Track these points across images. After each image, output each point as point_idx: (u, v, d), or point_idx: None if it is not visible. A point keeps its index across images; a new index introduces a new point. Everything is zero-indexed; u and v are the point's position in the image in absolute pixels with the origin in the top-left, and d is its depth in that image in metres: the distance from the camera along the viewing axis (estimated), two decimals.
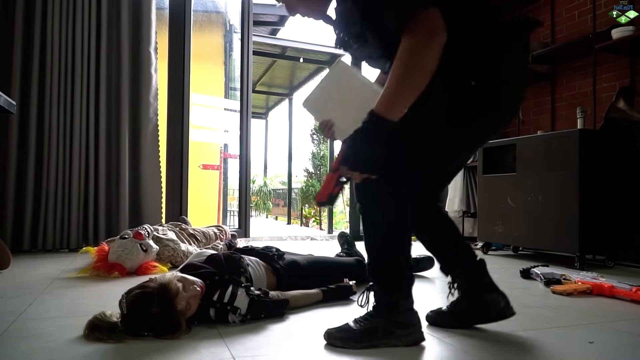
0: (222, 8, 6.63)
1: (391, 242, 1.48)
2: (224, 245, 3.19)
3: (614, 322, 1.78)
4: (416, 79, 1.26)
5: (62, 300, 2.03)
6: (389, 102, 1.28)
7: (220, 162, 6.31)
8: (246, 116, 4.73)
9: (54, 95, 3.67)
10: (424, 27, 1.24)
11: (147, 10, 3.99)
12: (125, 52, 3.90)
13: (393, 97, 1.27)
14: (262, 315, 1.71)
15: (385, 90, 1.28)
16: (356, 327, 1.48)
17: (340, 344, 1.45)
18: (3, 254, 2.70)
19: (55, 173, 3.66)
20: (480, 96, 1.39)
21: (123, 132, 3.88)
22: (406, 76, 1.26)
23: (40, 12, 3.64)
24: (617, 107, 3.42)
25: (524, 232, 3.47)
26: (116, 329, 1.49)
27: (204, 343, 1.46)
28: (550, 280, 2.49)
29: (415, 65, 1.25)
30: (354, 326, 1.48)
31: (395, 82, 1.26)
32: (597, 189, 3.15)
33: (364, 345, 1.44)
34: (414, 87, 1.27)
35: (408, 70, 1.25)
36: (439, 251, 1.76)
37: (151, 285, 1.52)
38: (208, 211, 6.22)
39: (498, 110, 1.47)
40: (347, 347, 1.44)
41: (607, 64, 3.81)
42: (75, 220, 3.70)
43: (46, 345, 1.41)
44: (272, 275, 2.07)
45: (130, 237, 2.69)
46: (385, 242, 1.48)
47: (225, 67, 6.61)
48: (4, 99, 2.53)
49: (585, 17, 4.03)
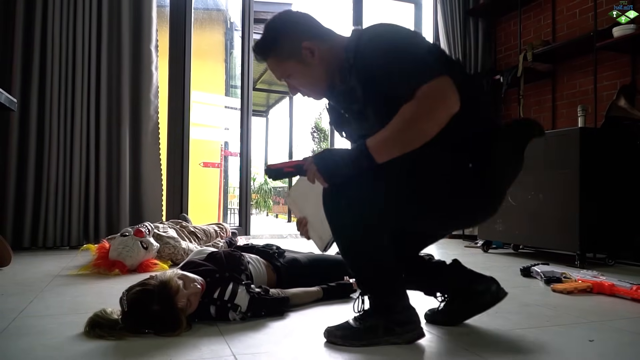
0: (222, 6, 6.63)
1: (367, 247, 1.45)
2: (225, 243, 3.19)
3: (614, 321, 1.78)
4: (413, 139, 1.30)
5: (63, 297, 2.03)
6: (381, 144, 1.31)
7: (220, 160, 6.32)
8: (247, 114, 4.73)
9: (55, 93, 3.67)
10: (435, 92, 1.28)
11: (147, 8, 3.99)
12: (126, 50, 3.90)
13: (386, 142, 1.31)
14: (262, 313, 1.72)
15: (384, 132, 1.31)
16: (356, 325, 1.47)
17: (341, 342, 1.45)
18: (4, 251, 2.71)
19: (55, 170, 3.66)
20: (473, 179, 1.41)
21: (124, 129, 3.88)
22: (406, 132, 1.29)
23: (40, 9, 3.64)
24: (618, 105, 3.41)
25: (525, 230, 3.46)
26: (117, 327, 1.49)
27: (204, 340, 1.46)
28: (551, 278, 2.49)
29: (416, 126, 1.29)
30: (354, 324, 1.48)
31: (394, 131, 1.30)
32: (598, 187, 3.14)
33: (364, 344, 1.44)
34: (408, 144, 1.30)
35: (410, 127, 1.29)
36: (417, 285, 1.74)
37: (152, 282, 1.52)
38: (208, 209, 6.24)
39: (482, 198, 1.48)
40: (348, 345, 1.43)
41: (608, 62, 3.81)
42: (75, 218, 3.71)
43: (47, 343, 1.42)
44: (272, 273, 2.07)
45: (131, 234, 2.69)
46: (362, 248, 1.46)
47: (225, 64, 6.61)
48: (5, 96, 2.53)
49: (587, 16, 4.02)
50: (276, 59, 1.53)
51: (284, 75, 1.55)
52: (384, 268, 1.47)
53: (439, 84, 1.28)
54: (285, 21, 1.54)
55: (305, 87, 1.56)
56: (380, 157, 1.31)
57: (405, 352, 1.39)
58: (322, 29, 1.54)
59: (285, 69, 1.53)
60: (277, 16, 1.56)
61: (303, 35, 1.50)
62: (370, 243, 1.44)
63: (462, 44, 5.00)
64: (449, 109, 1.27)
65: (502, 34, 5.08)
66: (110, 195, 3.86)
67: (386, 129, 1.31)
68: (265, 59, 1.55)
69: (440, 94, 1.28)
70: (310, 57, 1.49)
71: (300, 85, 1.56)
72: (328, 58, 1.50)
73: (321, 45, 1.50)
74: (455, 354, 1.39)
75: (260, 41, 1.54)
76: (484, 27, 5.12)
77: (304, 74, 1.52)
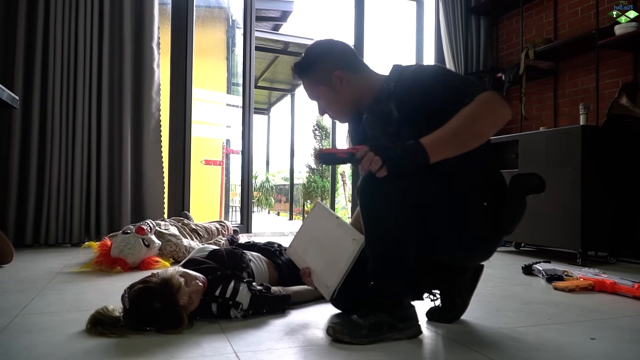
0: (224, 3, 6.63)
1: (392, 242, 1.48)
2: (226, 241, 3.20)
3: (616, 319, 1.78)
4: (469, 138, 1.39)
5: (65, 294, 2.04)
6: (437, 143, 1.36)
7: (222, 158, 6.33)
8: (248, 112, 4.73)
9: (57, 90, 3.67)
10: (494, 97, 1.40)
11: (149, 6, 3.98)
12: (128, 48, 3.89)
13: (442, 141, 1.37)
14: (263, 311, 1.72)
15: (440, 132, 1.37)
16: (361, 321, 1.47)
17: (348, 339, 1.44)
18: (6, 248, 2.71)
19: (57, 168, 3.67)
20: (484, 215, 1.51)
21: (125, 127, 3.88)
22: (463, 131, 1.37)
23: (42, 7, 3.64)
24: (620, 103, 3.41)
25: (526, 228, 3.46)
26: (118, 324, 1.49)
27: (206, 338, 1.46)
28: (552, 276, 2.49)
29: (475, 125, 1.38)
30: (359, 320, 1.48)
31: (452, 129, 1.37)
32: (600, 185, 3.14)
33: (370, 340, 1.44)
34: (463, 144, 1.38)
35: (468, 126, 1.37)
36: None
37: (153, 280, 1.53)
38: (210, 207, 6.24)
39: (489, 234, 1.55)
40: (356, 342, 1.43)
41: (610, 60, 3.80)
42: (77, 215, 3.71)
43: (48, 340, 1.42)
44: (274, 270, 2.07)
45: (133, 232, 2.70)
46: (386, 240, 1.48)
47: (227, 62, 6.61)
48: (7, 93, 2.53)
49: (588, 14, 4.01)
50: (309, 82, 1.69)
51: (314, 97, 1.70)
52: (406, 266, 1.49)
53: (496, 94, 1.41)
54: (324, 49, 1.69)
55: (332, 110, 1.70)
56: (434, 156, 1.35)
57: (408, 349, 1.40)
58: (356, 61, 1.67)
59: (316, 92, 1.68)
60: (319, 43, 1.72)
61: (336, 65, 1.63)
62: (399, 239, 1.48)
63: (464, 42, 4.99)
64: (506, 115, 1.40)
65: (504, 31, 5.07)
66: (112, 193, 3.86)
67: (442, 129, 1.37)
68: (301, 78, 1.71)
69: (499, 100, 1.40)
70: (339, 85, 1.63)
71: (328, 108, 1.70)
72: (357, 88, 1.64)
73: (352, 75, 1.63)
74: (456, 351, 1.40)
75: (299, 63, 1.70)
76: (486, 25, 5.11)
77: (332, 99, 1.66)
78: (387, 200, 1.45)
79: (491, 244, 1.61)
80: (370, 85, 1.64)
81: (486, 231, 1.53)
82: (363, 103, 1.66)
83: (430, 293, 1.74)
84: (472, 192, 1.50)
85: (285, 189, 16.13)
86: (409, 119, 1.51)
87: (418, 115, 1.49)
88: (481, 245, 1.59)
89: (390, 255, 1.49)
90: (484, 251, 1.62)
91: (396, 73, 1.62)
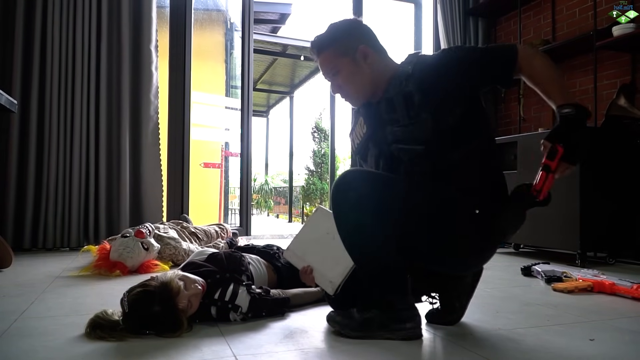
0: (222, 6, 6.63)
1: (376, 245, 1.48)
2: (225, 244, 3.20)
3: (615, 320, 1.79)
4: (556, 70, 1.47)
5: (64, 298, 2.03)
6: (566, 92, 1.43)
7: (221, 160, 6.32)
8: (247, 114, 4.73)
9: (55, 94, 3.67)
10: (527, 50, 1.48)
11: (147, 8, 3.98)
12: (126, 50, 3.90)
13: (563, 88, 1.44)
14: (263, 314, 1.72)
15: (555, 89, 1.43)
16: (356, 315, 1.52)
17: (338, 327, 1.52)
18: (5, 252, 2.71)
19: (55, 171, 3.66)
20: (474, 224, 1.47)
21: (124, 130, 3.88)
22: (553, 71, 1.45)
23: (40, 10, 3.64)
24: (618, 104, 3.41)
25: (525, 229, 3.41)
26: (118, 328, 1.49)
27: (205, 341, 1.46)
28: (551, 277, 2.49)
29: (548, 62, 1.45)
30: (354, 314, 1.53)
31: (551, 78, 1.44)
32: (598, 186, 3.15)
33: (359, 335, 1.48)
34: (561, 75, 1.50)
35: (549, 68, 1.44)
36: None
37: (153, 283, 1.52)
38: (209, 209, 6.23)
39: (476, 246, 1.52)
40: (344, 333, 1.50)
41: (608, 61, 3.81)
42: (75, 219, 3.71)
43: (48, 344, 1.42)
44: (273, 273, 2.07)
45: (132, 235, 2.70)
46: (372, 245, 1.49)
47: (226, 65, 6.61)
48: (5, 97, 2.53)
49: (586, 15, 4.02)
50: (331, 54, 1.62)
51: (334, 70, 1.63)
52: (390, 266, 1.49)
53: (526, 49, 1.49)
54: (350, 23, 1.68)
55: (348, 88, 1.64)
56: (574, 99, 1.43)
57: (406, 351, 1.40)
58: (379, 43, 1.66)
59: (337, 64, 1.62)
60: (344, 19, 1.69)
61: (362, 39, 1.62)
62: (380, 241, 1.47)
63: (462, 44, 5.00)
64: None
65: (502, 33, 5.08)
66: (111, 196, 3.86)
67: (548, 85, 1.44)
68: (320, 52, 1.64)
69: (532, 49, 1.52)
70: (362, 60, 1.60)
71: (345, 84, 1.64)
72: (377, 68, 1.61)
73: (375, 54, 1.62)
74: (456, 353, 1.40)
75: (321, 36, 1.65)
76: (484, 26, 5.12)
77: (352, 73, 1.61)
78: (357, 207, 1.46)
79: (481, 254, 1.57)
80: (389, 69, 1.61)
81: (475, 241, 1.50)
82: (380, 87, 1.61)
83: (429, 296, 1.74)
84: (463, 198, 1.47)
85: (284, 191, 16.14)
86: (432, 100, 1.48)
87: (440, 94, 1.47)
88: (469, 256, 1.55)
89: (371, 263, 1.51)
90: (474, 261, 1.59)
91: (414, 57, 1.59)
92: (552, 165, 1.37)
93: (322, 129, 14.72)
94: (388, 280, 1.49)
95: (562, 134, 1.38)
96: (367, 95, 1.64)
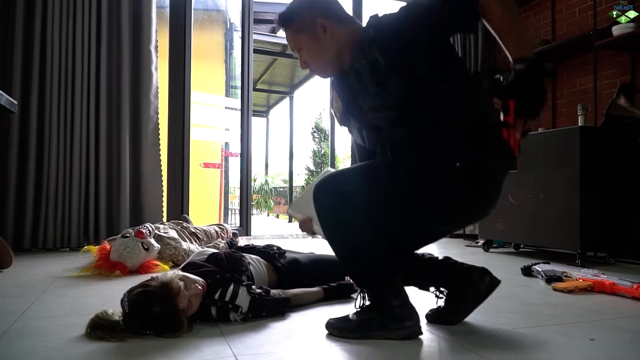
0: (222, 6, 6.63)
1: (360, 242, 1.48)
2: (225, 244, 3.19)
3: (615, 320, 1.79)
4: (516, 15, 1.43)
5: (64, 299, 2.03)
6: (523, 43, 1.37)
7: (221, 161, 6.32)
8: (247, 114, 4.73)
9: (55, 94, 3.67)
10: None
11: (147, 9, 3.99)
12: (126, 51, 3.90)
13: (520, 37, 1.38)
14: (263, 314, 1.72)
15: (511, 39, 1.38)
16: (353, 318, 1.53)
17: (336, 332, 1.52)
18: (5, 252, 2.71)
19: (55, 172, 3.67)
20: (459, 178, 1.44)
21: (124, 130, 3.88)
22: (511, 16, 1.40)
23: (40, 10, 3.64)
24: (618, 104, 3.41)
25: (525, 229, 3.47)
26: (118, 328, 1.49)
27: (205, 341, 1.46)
28: (552, 277, 2.49)
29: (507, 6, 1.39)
30: (351, 317, 1.54)
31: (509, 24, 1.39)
32: (598, 186, 3.14)
33: (357, 336, 1.48)
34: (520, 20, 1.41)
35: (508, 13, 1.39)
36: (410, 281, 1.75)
37: (153, 284, 1.52)
38: (209, 209, 6.24)
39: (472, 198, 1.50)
40: (342, 336, 1.50)
41: (608, 60, 3.81)
42: (75, 219, 3.71)
43: (48, 344, 1.42)
44: (273, 273, 2.07)
45: (132, 235, 2.69)
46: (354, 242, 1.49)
47: (225, 65, 6.61)
48: (6, 98, 2.53)
49: (586, 14, 4.03)
50: (292, 31, 1.64)
51: (296, 47, 1.66)
52: (378, 264, 1.49)
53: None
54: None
55: (313, 61, 1.65)
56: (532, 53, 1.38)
57: (406, 351, 1.40)
58: (341, 12, 1.64)
59: (298, 41, 1.64)
60: None
61: (319, 13, 1.60)
62: (364, 238, 1.47)
63: (462, 43, 5.00)
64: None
65: None
66: (111, 197, 3.86)
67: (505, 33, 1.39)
68: (285, 29, 1.66)
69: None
70: (322, 34, 1.59)
71: (309, 60, 1.65)
72: (340, 38, 1.59)
73: (335, 25, 1.60)
74: (456, 352, 1.40)
75: (283, 13, 1.65)
76: (483, 26, 5.11)
77: (314, 48, 1.62)
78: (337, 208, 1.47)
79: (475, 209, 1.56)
80: (353, 37, 1.58)
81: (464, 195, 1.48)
82: (346, 55, 1.59)
83: (438, 289, 1.72)
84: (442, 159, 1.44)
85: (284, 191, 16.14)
86: (397, 61, 1.45)
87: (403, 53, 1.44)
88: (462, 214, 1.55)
89: (359, 263, 1.51)
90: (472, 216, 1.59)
91: (374, 20, 1.56)
92: (510, 121, 1.38)
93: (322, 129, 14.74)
94: (378, 279, 1.49)
95: (513, 89, 1.36)
96: (334, 67, 1.64)
